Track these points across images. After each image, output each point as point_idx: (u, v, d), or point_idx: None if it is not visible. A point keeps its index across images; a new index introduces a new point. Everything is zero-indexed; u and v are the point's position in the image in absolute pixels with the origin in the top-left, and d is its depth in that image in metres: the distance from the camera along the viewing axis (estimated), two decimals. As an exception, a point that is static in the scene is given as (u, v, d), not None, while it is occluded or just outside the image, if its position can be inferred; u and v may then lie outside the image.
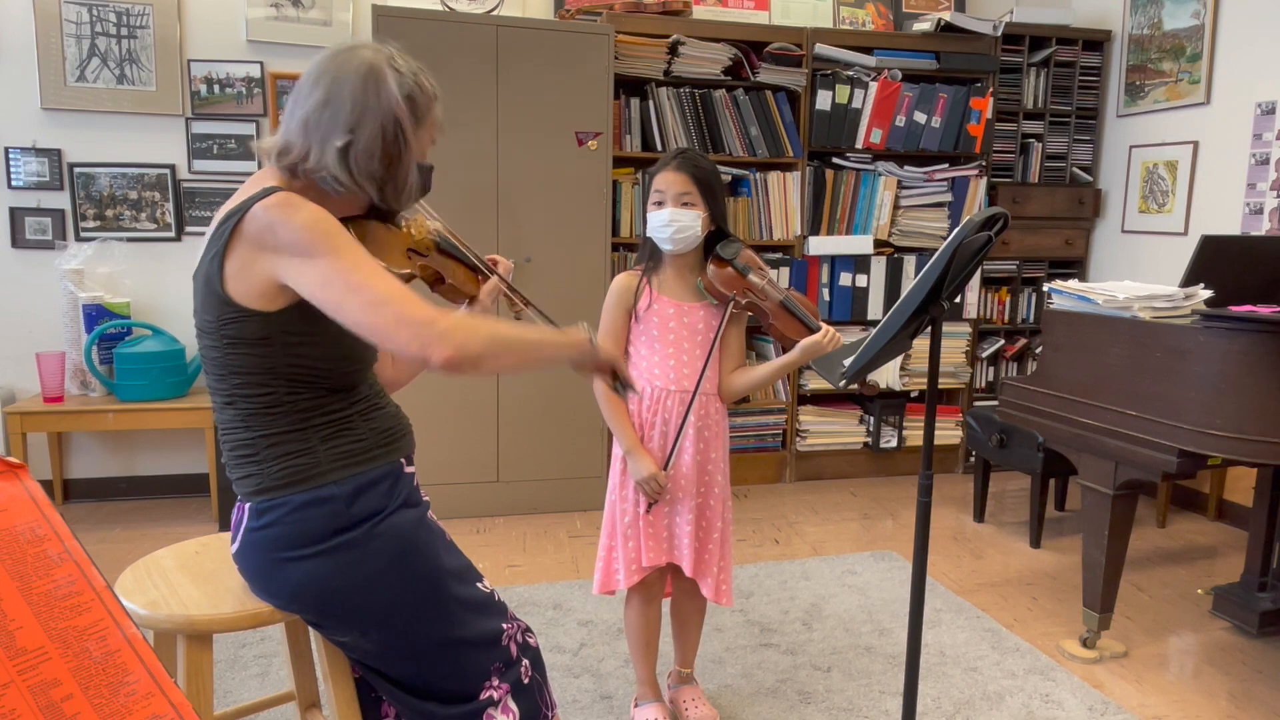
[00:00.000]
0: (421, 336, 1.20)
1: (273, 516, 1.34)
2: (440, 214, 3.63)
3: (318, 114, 1.34)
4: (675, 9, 3.79)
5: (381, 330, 1.22)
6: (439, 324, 1.21)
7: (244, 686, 2.29)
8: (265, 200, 1.27)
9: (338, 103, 1.33)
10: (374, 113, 1.33)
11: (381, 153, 1.35)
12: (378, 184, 1.37)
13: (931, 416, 1.70)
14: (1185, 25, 3.85)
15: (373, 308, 1.21)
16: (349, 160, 1.33)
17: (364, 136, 1.33)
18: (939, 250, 1.53)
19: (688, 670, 2.25)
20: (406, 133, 1.36)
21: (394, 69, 1.36)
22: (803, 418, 4.13)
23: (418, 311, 1.21)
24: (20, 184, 3.55)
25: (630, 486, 2.01)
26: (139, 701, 0.76)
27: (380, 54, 1.37)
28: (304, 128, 1.34)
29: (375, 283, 1.22)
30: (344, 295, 1.22)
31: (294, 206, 1.26)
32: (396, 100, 1.34)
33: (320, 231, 1.24)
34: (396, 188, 1.40)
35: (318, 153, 1.33)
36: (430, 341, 1.20)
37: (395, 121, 1.35)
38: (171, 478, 3.85)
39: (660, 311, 1.99)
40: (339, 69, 1.35)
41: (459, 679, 1.41)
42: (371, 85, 1.33)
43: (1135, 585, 3.06)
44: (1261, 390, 2.10)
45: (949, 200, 4.13)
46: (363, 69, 1.34)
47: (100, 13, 3.52)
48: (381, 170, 1.36)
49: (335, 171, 1.33)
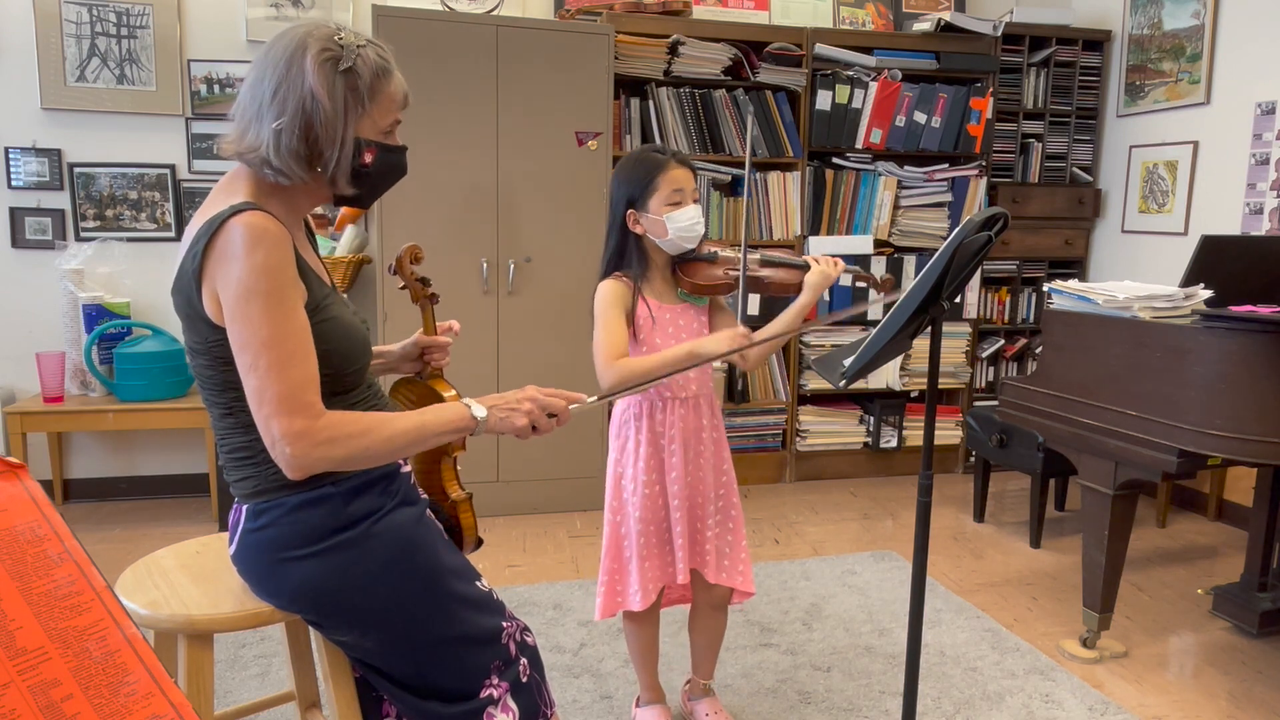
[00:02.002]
0: (277, 447, 1.25)
1: (270, 518, 1.34)
2: (440, 214, 3.63)
3: (249, 95, 1.32)
4: (675, 9, 3.79)
5: (256, 417, 1.26)
6: (297, 445, 1.24)
7: (244, 686, 2.29)
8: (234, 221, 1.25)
9: (264, 84, 1.30)
10: (294, 90, 1.29)
11: (303, 131, 1.30)
12: (307, 165, 1.32)
13: (931, 416, 1.70)
14: (1185, 25, 3.85)
15: (256, 395, 1.25)
16: (279, 143, 1.30)
17: (288, 116, 1.29)
18: (939, 250, 1.53)
19: (707, 682, 2.20)
20: (324, 109, 1.29)
21: (330, 44, 1.30)
22: (803, 418, 4.12)
23: (292, 424, 1.24)
24: (20, 184, 3.55)
25: (639, 504, 1.93)
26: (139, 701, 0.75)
27: (321, 30, 1.32)
28: (240, 111, 1.34)
29: (272, 376, 1.24)
30: (248, 372, 1.25)
31: (254, 247, 1.24)
32: (313, 75, 1.28)
33: (261, 290, 1.23)
34: (336, 169, 1.33)
35: (253, 136, 1.31)
36: (281, 458, 1.26)
37: (312, 97, 1.28)
38: (171, 478, 3.85)
39: (661, 320, 1.92)
40: (271, 48, 1.32)
41: (459, 677, 1.41)
42: (296, 64, 1.29)
43: (1135, 585, 3.06)
44: (1261, 390, 2.10)
45: (949, 200, 4.13)
46: (289, 49, 1.30)
47: (100, 13, 3.52)
48: (307, 150, 1.31)
49: (269, 155, 1.30)
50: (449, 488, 1.57)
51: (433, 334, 1.69)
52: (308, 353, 1.27)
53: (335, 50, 1.30)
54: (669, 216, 1.85)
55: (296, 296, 1.28)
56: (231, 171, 1.39)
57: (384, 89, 1.36)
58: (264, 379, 1.24)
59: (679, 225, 1.86)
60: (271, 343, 1.24)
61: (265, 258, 1.24)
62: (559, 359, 3.61)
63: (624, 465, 1.98)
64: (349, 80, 1.31)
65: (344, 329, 1.38)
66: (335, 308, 1.39)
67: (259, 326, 1.23)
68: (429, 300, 1.70)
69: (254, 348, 1.24)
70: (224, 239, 1.25)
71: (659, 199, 1.85)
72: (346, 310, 1.44)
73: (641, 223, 1.89)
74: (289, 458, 1.25)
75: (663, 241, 1.89)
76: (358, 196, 1.42)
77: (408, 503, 1.44)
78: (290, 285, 1.27)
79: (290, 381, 1.24)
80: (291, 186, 1.36)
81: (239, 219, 1.25)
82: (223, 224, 1.25)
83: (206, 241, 1.26)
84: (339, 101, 1.30)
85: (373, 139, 1.37)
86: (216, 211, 1.28)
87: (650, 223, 1.88)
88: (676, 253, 1.92)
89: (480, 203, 3.45)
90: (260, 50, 1.35)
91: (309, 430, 1.24)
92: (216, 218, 1.27)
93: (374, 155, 1.37)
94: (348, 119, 1.32)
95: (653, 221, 1.87)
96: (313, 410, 1.26)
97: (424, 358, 1.69)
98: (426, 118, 3.32)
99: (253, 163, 1.33)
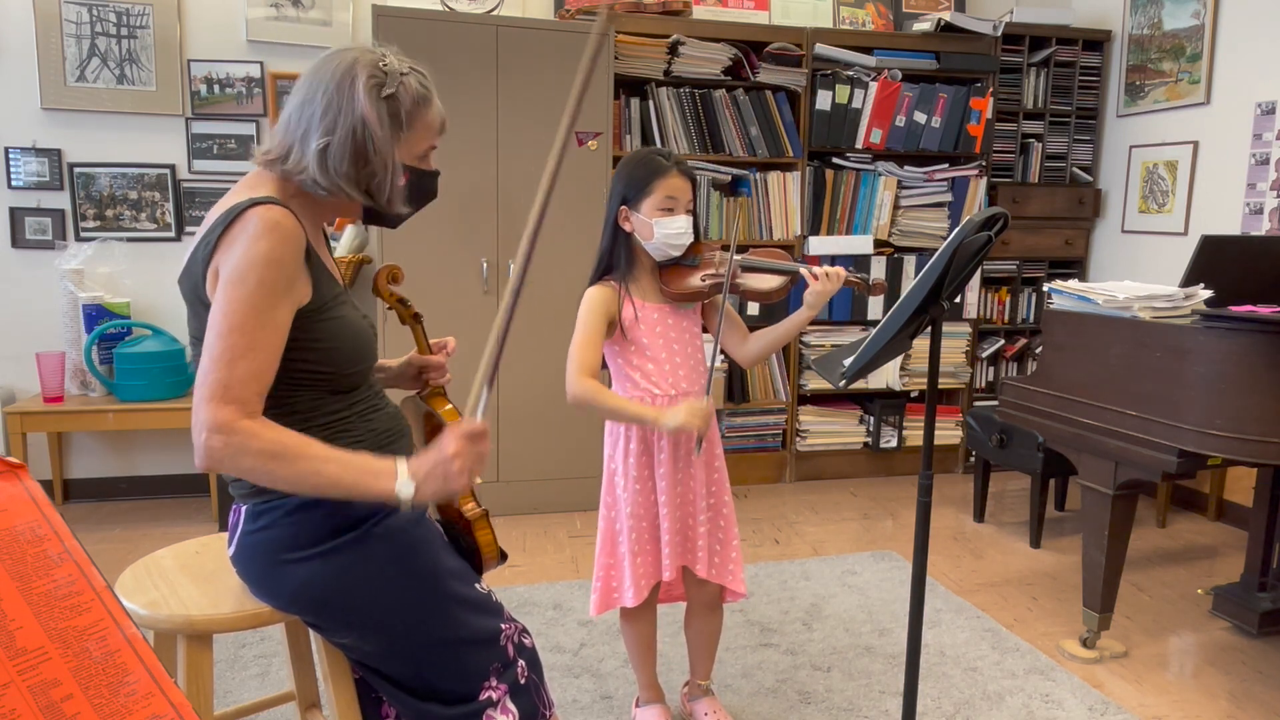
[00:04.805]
0: (198, 429, 1.22)
1: (269, 519, 1.34)
2: (440, 214, 3.63)
3: (297, 114, 1.34)
4: (675, 9, 3.79)
5: (195, 398, 1.24)
6: (215, 436, 1.20)
7: (244, 686, 2.29)
8: (252, 212, 1.26)
9: (314, 104, 1.32)
10: (345, 114, 1.31)
11: (352, 154, 1.32)
12: (355, 186, 1.35)
13: (931, 416, 1.70)
14: (1185, 25, 3.85)
15: (200, 376, 1.23)
16: (326, 161, 1.32)
17: (338, 138, 1.31)
18: (939, 250, 1.53)
19: (706, 682, 2.21)
20: (375, 136, 1.32)
21: (376, 70, 1.33)
22: (803, 418, 4.12)
23: (219, 412, 1.21)
24: (20, 184, 3.55)
25: (630, 501, 1.96)
26: (139, 701, 0.75)
27: (367, 55, 1.35)
28: (285, 127, 1.35)
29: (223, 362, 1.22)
30: (206, 352, 1.24)
31: (261, 236, 1.24)
32: (364, 102, 1.31)
33: (252, 279, 1.23)
34: (378, 190, 1.37)
35: (298, 153, 1.33)
36: (197, 444, 1.22)
37: (363, 124, 1.31)
38: (171, 478, 3.85)
39: (646, 319, 1.94)
40: (320, 69, 1.34)
41: (459, 679, 1.41)
42: (346, 86, 1.32)
43: (1135, 585, 3.06)
44: (1261, 390, 2.10)
45: (949, 200, 4.13)
46: (340, 70, 1.33)
47: (100, 13, 3.52)
48: (354, 172, 1.34)
49: (314, 174, 1.32)
50: (464, 505, 1.53)
51: (426, 354, 1.68)
52: (269, 353, 1.26)
53: (380, 77, 1.33)
54: (658, 222, 1.87)
55: (285, 296, 1.27)
56: (255, 172, 1.40)
57: (423, 116, 1.39)
58: (214, 361, 1.22)
59: (665, 232, 1.88)
60: (238, 329, 1.23)
61: (269, 250, 1.24)
62: (559, 359, 3.58)
63: (616, 462, 1.99)
64: (390, 106, 1.34)
65: (350, 328, 1.39)
66: (344, 307, 1.40)
67: (232, 310, 1.23)
68: (415, 320, 1.67)
69: (219, 329, 1.23)
70: (239, 226, 1.26)
71: (651, 203, 1.87)
72: (355, 312, 1.44)
73: (631, 221, 1.91)
74: (204, 446, 1.21)
75: (648, 245, 1.91)
76: (388, 217, 1.44)
77: (407, 504, 1.43)
78: (283, 284, 1.26)
79: (238, 371, 1.22)
80: (316, 198, 1.37)
81: (258, 210, 1.26)
82: (241, 213, 1.26)
83: (224, 228, 1.27)
84: (380, 128, 1.33)
85: (407, 163, 1.40)
86: (236, 201, 1.30)
87: (639, 223, 1.90)
88: (661, 258, 1.94)
89: (480, 203, 3.45)
90: (307, 70, 1.37)
91: (231, 425, 1.21)
92: (236, 206, 1.28)
93: (407, 179, 1.41)
94: (384, 145, 1.35)
95: (641, 223, 1.90)
96: (246, 408, 1.23)
97: (422, 376, 1.68)
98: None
99: (295, 176, 1.34)
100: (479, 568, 1.53)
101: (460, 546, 1.54)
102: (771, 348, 2.01)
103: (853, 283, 1.94)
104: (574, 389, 1.87)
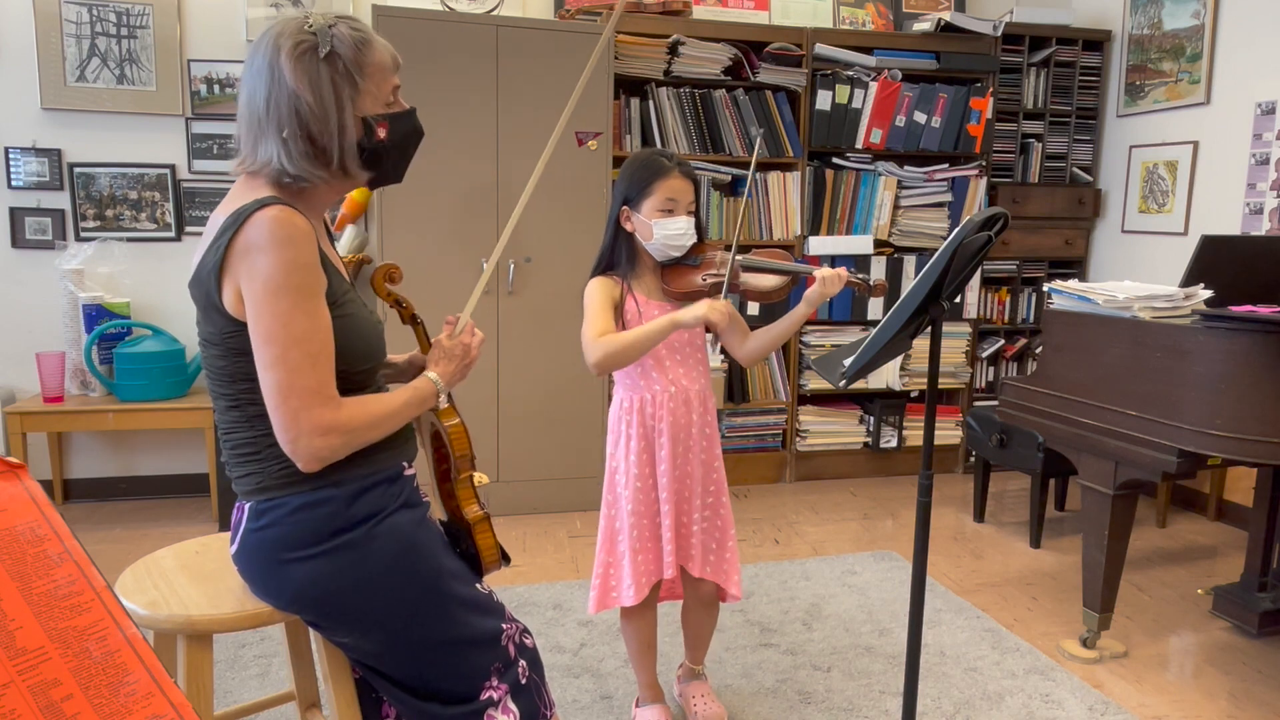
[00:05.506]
0: (302, 440, 1.27)
1: (272, 517, 1.34)
2: (441, 214, 3.63)
3: (246, 115, 1.33)
4: (675, 9, 3.79)
5: (280, 410, 1.27)
6: (325, 437, 1.28)
7: (244, 686, 2.29)
8: (261, 215, 1.25)
9: (255, 100, 1.31)
10: (283, 96, 1.28)
11: (303, 131, 1.30)
12: (319, 163, 1.32)
13: (931, 416, 1.70)
14: (1185, 25, 3.85)
15: (282, 389, 1.26)
16: (289, 150, 1.30)
17: (288, 122, 1.29)
18: (939, 250, 1.53)
19: (698, 666, 2.23)
20: (311, 104, 1.28)
21: (303, 35, 1.29)
22: (803, 418, 4.12)
23: (321, 417, 1.27)
24: (20, 184, 3.55)
25: (631, 498, 1.95)
26: (139, 701, 0.75)
27: (290, 23, 1.31)
28: (243, 132, 1.34)
29: (304, 371, 1.26)
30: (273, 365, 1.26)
31: (284, 243, 1.24)
32: (291, 76, 1.27)
33: (292, 286, 1.24)
34: (343, 156, 1.33)
35: (264, 151, 1.31)
36: (304, 450, 1.28)
37: (297, 97, 1.28)
38: (171, 478, 3.85)
39: (649, 316, 1.93)
40: (250, 64, 1.33)
41: (459, 679, 1.41)
42: (275, 68, 1.29)
43: (1135, 585, 3.06)
44: (1261, 390, 2.10)
45: (949, 200, 4.13)
46: (265, 55, 1.30)
47: (100, 13, 3.52)
48: (312, 149, 1.31)
49: (284, 165, 1.30)
50: (466, 508, 1.52)
51: (427, 353, 1.68)
52: (330, 347, 1.30)
53: (309, 39, 1.29)
54: (657, 223, 1.88)
55: (322, 293, 1.30)
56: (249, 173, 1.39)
57: (370, 59, 1.34)
58: (294, 373, 1.25)
59: (666, 233, 1.88)
60: (304, 338, 1.25)
61: (296, 254, 1.25)
62: (559, 359, 3.61)
63: (618, 459, 2.00)
64: (333, 65, 1.30)
65: (360, 326, 1.39)
66: (353, 305, 1.40)
67: (289, 322, 1.24)
68: (413, 321, 1.67)
69: (283, 342, 1.24)
70: (250, 232, 1.25)
71: (652, 204, 1.89)
72: (364, 309, 1.44)
73: (632, 221, 1.93)
74: (314, 449, 1.27)
75: (648, 245, 1.93)
76: (386, 173, 1.42)
77: (409, 505, 1.44)
78: (318, 283, 1.29)
79: (321, 375, 1.27)
80: (312, 186, 1.36)
81: (265, 213, 1.25)
82: (249, 217, 1.25)
83: (232, 234, 1.26)
84: (327, 90, 1.30)
85: (379, 113, 1.36)
86: (242, 204, 1.28)
87: (640, 224, 1.91)
88: (661, 258, 1.95)
89: (480, 203, 3.45)
90: (243, 66, 1.34)
91: (336, 423, 1.28)
92: (243, 210, 1.27)
93: (387, 128, 1.37)
94: (342, 104, 1.31)
95: (642, 224, 1.91)
96: (335, 403, 1.29)
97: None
98: (426, 118, 3.28)
99: (271, 176, 1.33)
100: (480, 571, 1.53)
101: (462, 550, 1.54)
102: (771, 346, 2.02)
103: (854, 284, 1.94)
104: (592, 353, 1.84)
